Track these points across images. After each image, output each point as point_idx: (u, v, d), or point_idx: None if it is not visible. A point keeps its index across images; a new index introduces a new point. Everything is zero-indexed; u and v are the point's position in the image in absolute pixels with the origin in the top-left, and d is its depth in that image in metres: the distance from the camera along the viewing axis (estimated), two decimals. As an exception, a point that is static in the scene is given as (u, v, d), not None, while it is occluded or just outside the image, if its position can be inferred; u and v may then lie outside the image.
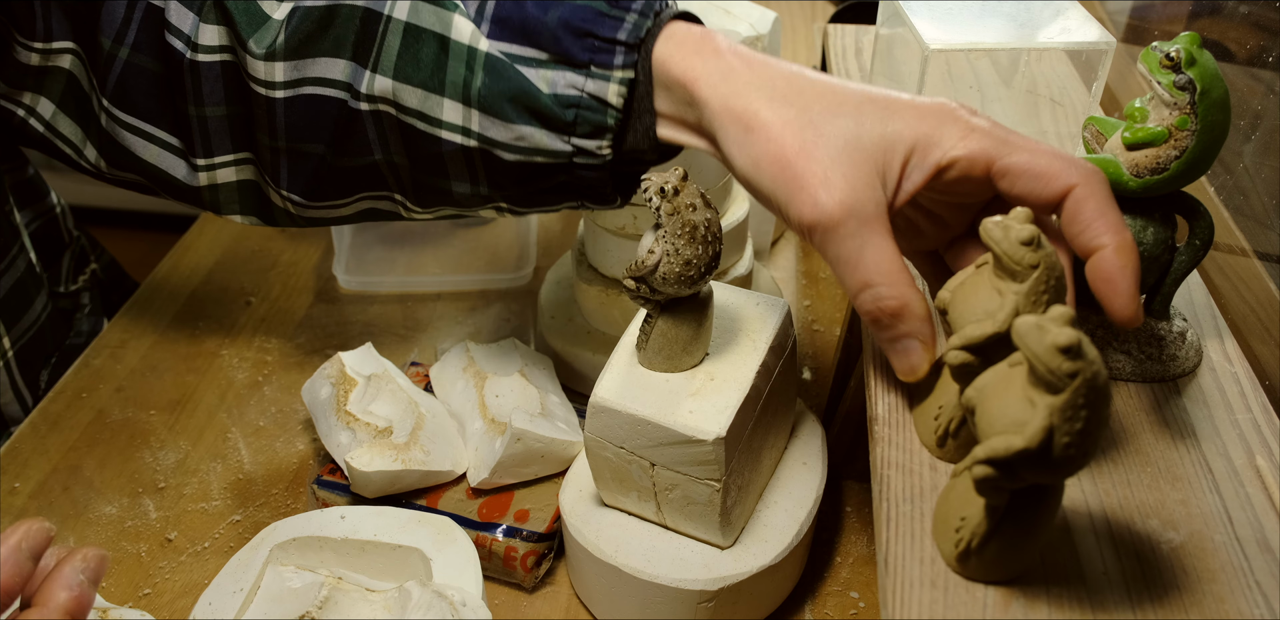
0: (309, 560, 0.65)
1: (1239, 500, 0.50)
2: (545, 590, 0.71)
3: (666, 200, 0.55)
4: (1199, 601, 0.46)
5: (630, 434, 0.59)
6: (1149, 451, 0.53)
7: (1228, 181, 0.75)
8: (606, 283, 0.83)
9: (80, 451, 0.81)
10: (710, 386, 0.60)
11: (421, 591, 0.59)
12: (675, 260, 0.55)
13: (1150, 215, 0.56)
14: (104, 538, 0.74)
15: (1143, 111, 0.55)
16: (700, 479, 0.59)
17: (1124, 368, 0.58)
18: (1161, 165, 0.54)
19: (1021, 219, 0.47)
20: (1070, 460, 0.40)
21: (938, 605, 0.45)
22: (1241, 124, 0.75)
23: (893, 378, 0.57)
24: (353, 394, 0.75)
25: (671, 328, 0.59)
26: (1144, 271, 0.57)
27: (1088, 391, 0.39)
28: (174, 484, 0.79)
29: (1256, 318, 0.67)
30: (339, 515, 0.66)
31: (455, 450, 0.73)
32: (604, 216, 0.79)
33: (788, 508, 0.67)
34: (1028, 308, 0.47)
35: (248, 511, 0.76)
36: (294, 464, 0.80)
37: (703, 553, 0.64)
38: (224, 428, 0.84)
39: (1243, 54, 0.78)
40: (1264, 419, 0.55)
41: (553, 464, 0.72)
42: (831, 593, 0.71)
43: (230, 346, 0.92)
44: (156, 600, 0.70)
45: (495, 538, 0.69)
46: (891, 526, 0.49)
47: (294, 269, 1.03)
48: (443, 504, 0.71)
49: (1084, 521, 0.49)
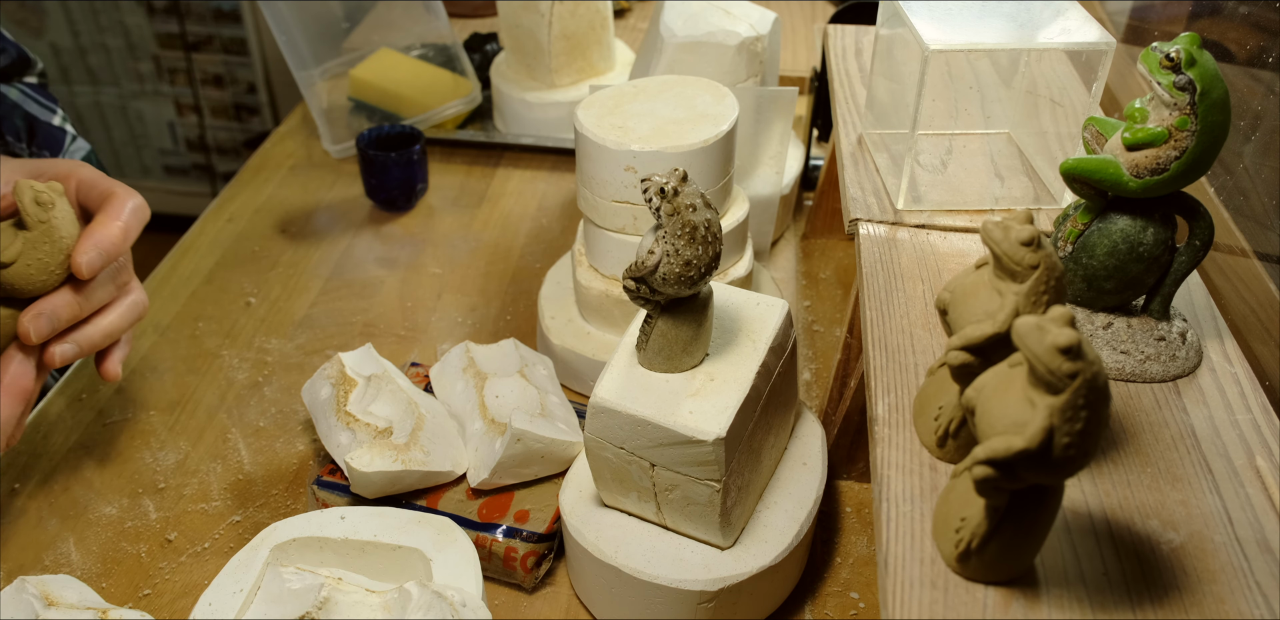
0: (309, 561, 0.65)
1: (1239, 501, 0.50)
2: (545, 590, 0.71)
3: (666, 201, 0.55)
4: (1199, 602, 0.46)
5: (630, 434, 0.59)
6: (1149, 452, 0.53)
7: (1228, 182, 0.75)
8: (606, 283, 0.83)
9: (80, 451, 0.81)
10: (710, 387, 0.60)
11: (421, 592, 0.59)
12: (675, 261, 0.55)
13: (1150, 215, 0.56)
14: (104, 538, 0.74)
15: (1143, 112, 0.55)
16: (700, 479, 0.59)
17: (1124, 368, 0.58)
18: (1161, 166, 0.54)
19: (1021, 220, 0.47)
20: (1070, 461, 0.40)
21: (938, 605, 0.45)
22: (1241, 124, 0.75)
23: (893, 378, 0.57)
24: (353, 395, 0.75)
25: (671, 328, 0.59)
26: (1144, 271, 0.57)
27: (1088, 392, 0.39)
28: (174, 484, 0.79)
29: (1256, 318, 0.67)
30: (339, 516, 0.66)
31: (455, 451, 0.73)
32: (604, 217, 0.79)
33: (788, 508, 0.67)
34: (1028, 308, 0.47)
35: (248, 512, 0.76)
36: (294, 464, 0.80)
37: (703, 553, 0.64)
38: (224, 428, 0.84)
39: (1243, 54, 0.78)
40: (1264, 419, 0.55)
41: (553, 464, 0.72)
42: (831, 593, 0.71)
43: (230, 346, 0.92)
44: (156, 601, 0.70)
45: (495, 538, 0.69)
46: (891, 526, 0.49)
47: (294, 269, 1.03)
48: (443, 504, 0.71)
49: (1084, 522, 0.49)
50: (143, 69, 2.16)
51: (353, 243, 1.07)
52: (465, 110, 1.19)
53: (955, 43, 0.65)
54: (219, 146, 2.25)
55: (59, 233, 0.61)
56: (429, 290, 1.00)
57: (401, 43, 1.20)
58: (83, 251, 0.61)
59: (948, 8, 0.68)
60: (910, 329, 0.61)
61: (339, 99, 1.19)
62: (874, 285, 0.64)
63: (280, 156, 1.22)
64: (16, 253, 0.60)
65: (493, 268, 1.03)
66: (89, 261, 0.60)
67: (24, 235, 0.61)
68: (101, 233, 0.62)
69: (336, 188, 1.16)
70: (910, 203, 0.71)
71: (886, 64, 0.77)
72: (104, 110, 2.23)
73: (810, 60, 1.37)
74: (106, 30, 2.12)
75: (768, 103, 0.92)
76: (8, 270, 0.60)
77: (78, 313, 0.63)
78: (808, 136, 1.09)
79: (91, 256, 0.61)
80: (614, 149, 0.74)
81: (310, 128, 1.27)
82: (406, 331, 0.94)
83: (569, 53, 1.13)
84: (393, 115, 1.17)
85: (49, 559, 0.72)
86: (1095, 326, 0.59)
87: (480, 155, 1.22)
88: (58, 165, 0.67)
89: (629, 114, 0.77)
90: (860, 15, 1.06)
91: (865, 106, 0.82)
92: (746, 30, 0.92)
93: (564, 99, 1.15)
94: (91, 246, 0.61)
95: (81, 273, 0.61)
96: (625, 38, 1.39)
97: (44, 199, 0.60)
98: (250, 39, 2.07)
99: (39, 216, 0.60)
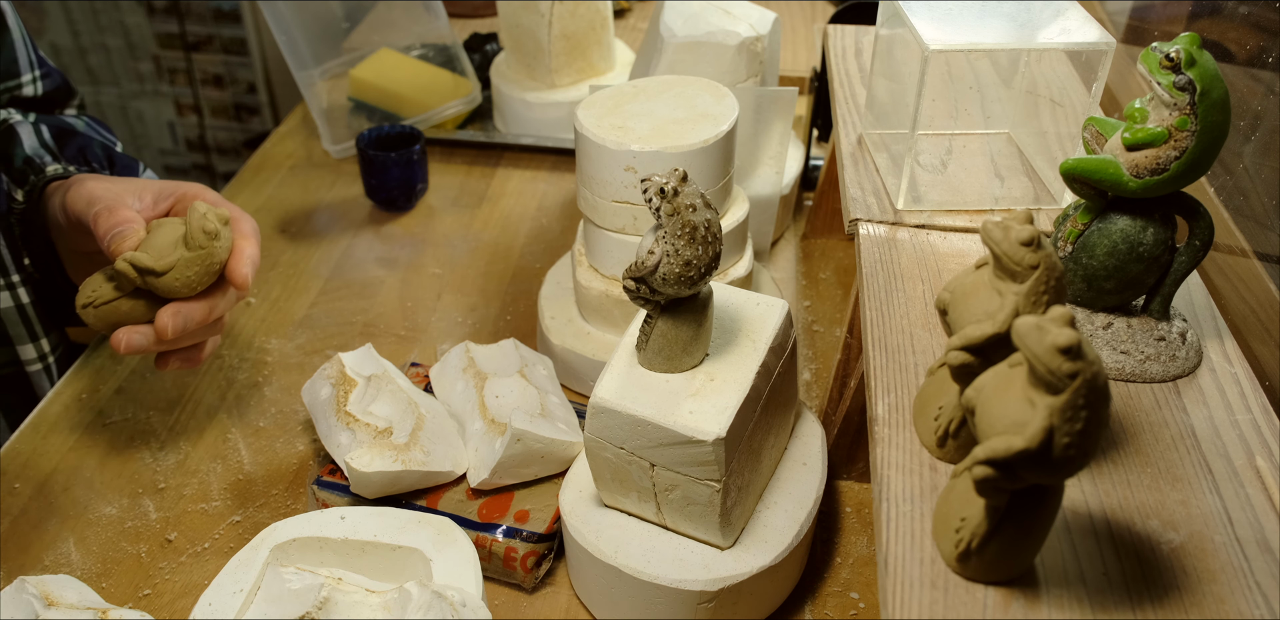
0: (309, 561, 0.65)
1: (1239, 501, 0.50)
2: (545, 591, 0.71)
3: (666, 201, 0.55)
4: (1199, 602, 0.46)
5: (630, 435, 0.59)
6: (1149, 452, 0.53)
7: (1228, 182, 0.75)
8: (606, 283, 0.83)
9: (80, 451, 0.81)
10: (710, 387, 0.60)
11: (421, 592, 0.59)
12: (675, 261, 0.55)
13: (1150, 215, 0.56)
14: (104, 538, 0.74)
15: (1143, 112, 0.55)
16: (700, 479, 0.59)
17: (1124, 368, 0.58)
18: (1161, 166, 0.54)
19: (1021, 220, 0.47)
20: (1070, 461, 0.40)
21: (938, 605, 0.45)
22: (1241, 124, 0.75)
23: (893, 378, 0.57)
24: (353, 395, 0.75)
25: (671, 328, 0.59)
26: (1144, 271, 0.57)
27: (1088, 392, 0.39)
28: (174, 485, 0.79)
29: (1256, 318, 0.67)
30: (339, 516, 0.66)
31: (455, 451, 0.73)
32: (604, 217, 0.79)
33: (788, 508, 0.67)
34: (1028, 308, 0.47)
35: (248, 512, 0.76)
36: (294, 464, 0.80)
37: (703, 553, 0.64)
38: (224, 428, 0.84)
39: (1243, 54, 0.78)
40: (1264, 419, 0.55)
41: (553, 464, 0.72)
42: (831, 593, 0.71)
43: (230, 347, 0.92)
44: (156, 601, 0.70)
45: (495, 538, 0.69)
46: (891, 526, 0.49)
47: (294, 269, 1.03)
48: (443, 504, 0.71)
49: (1084, 522, 0.49)
50: (143, 69, 2.16)
51: (353, 243, 1.07)
52: (465, 110, 1.19)
53: (955, 43, 0.65)
54: (219, 146, 2.25)
55: (214, 259, 0.68)
56: (429, 290, 1.00)
57: (401, 43, 1.20)
58: (241, 268, 0.69)
59: (948, 8, 0.68)
60: (910, 329, 0.61)
61: (339, 99, 1.19)
62: (874, 285, 0.64)
63: (280, 156, 1.22)
64: (169, 266, 0.66)
65: (493, 268, 1.03)
66: (244, 277, 0.69)
67: (183, 253, 0.67)
68: (253, 251, 0.70)
69: (336, 188, 1.16)
70: (910, 203, 0.71)
71: (886, 64, 0.77)
72: (104, 110, 2.23)
73: (810, 60, 1.37)
74: (106, 30, 2.12)
75: (768, 103, 0.92)
76: (158, 279, 0.66)
77: (207, 318, 0.70)
78: (808, 136, 1.09)
79: (247, 272, 0.69)
80: (614, 149, 0.74)
81: (310, 128, 1.27)
82: (406, 331, 0.94)
83: (569, 53, 1.13)
84: (393, 115, 1.17)
85: (49, 559, 0.72)
86: (1095, 326, 0.59)
87: (480, 155, 1.22)
88: (185, 186, 0.74)
89: (629, 114, 0.77)
90: (860, 15, 1.06)
91: (865, 106, 0.82)
92: (746, 30, 0.92)
93: (564, 99, 1.15)
94: (249, 264, 0.69)
95: (240, 287, 0.69)
96: (625, 38, 1.39)
97: (210, 229, 0.66)
98: (250, 39, 2.07)
99: (202, 243, 0.67)
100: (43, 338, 0.84)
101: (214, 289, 0.70)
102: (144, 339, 0.68)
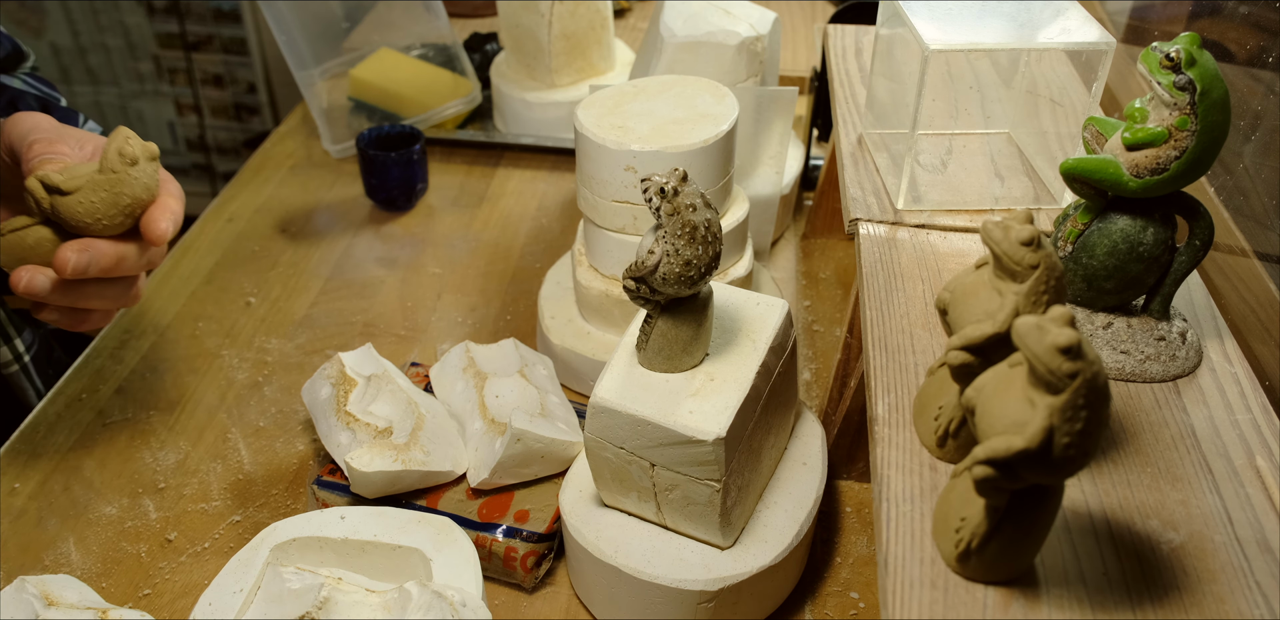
0: (309, 561, 0.65)
1: (1239, 501, 0.50)
2: (545, 590, 0.71)
3: (666, 201, 0.55)
4: (1199, 602, 0.46)
5: (630, 434, 0.59)
6: (1149, 451, 0.53)
7: (1228, 182, 0.75)
8: (606, 282, 0.83)
9: (80, 451, 0.81)
10: (710, 387, 0.60)
11: (421, 592, 0.59)
12: (675, 260, 0.55)
13: (1150, 215, 0.56)
14: (104, 538, 0.74)
15: (1143, 112, 0.55)
16: (700, 479, 0.59)
17: (1124, 367, 0.58)
18: (1161, 165, 0.54)
19: (1021, 219, 0.47)
20: (1070, 460, 0.40)
21: (938, 605, 0.45)
22: (1241, 124, 0.75)
23: (893, 378, 0.57)
24: (353, 394, 0.75)
25: (671, 328, 0.59)
26: (1144, 271, 0.57)
27: (1088, 392, 0.39)
28: (174, 484, 0.79)
29: (1256, 318, 0.67)
30: (339, 516, 0.66)
31: (455, 450, 0.73)
32: (604, 217, 0.79)
33: (788, 508, 0.67)
34: (1028, 308, 0.47)
35: (248, 512, 0.76)
36: (294, 464, 0.80)
37: (703, 553, 0.64)
38: (224, 428, 0.84)
39: (1243, 54, 0.78)
40: (1264, 419, 0.55)
41: (553, 464, 0.72)
42: (831, 593, 0.71)
43: (230, 346, 0.92)
44: (156, 600, 0.70)
45: (495, 538, 0.69)
46: (891, 526, 0.49)
47: (294, 269, 1.03)
48: (443, 504, 0.71)
49: (1084, 522, 0.49)
50: (143, 69, 2.16)
51: (353, 243, 1.07)
52: (465, 110, 1.19)
53: (955, 43, 0.65)
54: (219, 146, 2.25)
55: (123, 188, 0.63)
56: (429, 290, 1.00)
57: (401, 43, 1.20)
58: (161, 221, 0.63)
59: (948, 8, 0.68)
60: (910, 329, 0.61)
61: (339, 99, 1.19)
62: (874, 285, 0.64)
63: (280, 156, 1.22)
64: (76, 187, 0.62)
65: (493, 268, 1.03)
66: (162, 232, 0.63)
67: (93, 176, 0.62)
68: (176, 207, 0.65)
69: (336, 188, 1.16)
70: (910, 203, 0.71)
71: (886, 64, 0.77)
72: (104, 110, 2.23)
73: (810, 60, 1.37)
74: (106, 30, 2.12)
75: (768, 103, 0.92)
76: (62, 199, 0.62)
77: (113, 267, 0.64)
78: (808, 136, 1.09)
79: (166, 227, 0.64)
80: (614, 149, 0.74)
81: (310, 128, 1.27)
82: (406, 331, 0.94)
83: (569, 53, 1.13)
84: (393, 115, 1.17)
85: (49, 559, 0.72)
86: (1095, 326, 0.59)
87: (480, 155, 1.22)
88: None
89: (629, 114, 0.77)
90: (860, 15, 1.06)
91: (865, 106, 0.82)
92: (746, 30, 0.92)
93: (564, 99, 1.15)
94: (170, 219, 0.64)
95: (155, 240, 0.64)
96: (625, 38, 1.39)
97: (127, 152, 0.62)
98: (250, 39, 2.07)
99: (114, 166, 0.62)
100: (15, 339, 0.83)
101: (128, 237, 0.65)
102: (46, 281, 0.63)
